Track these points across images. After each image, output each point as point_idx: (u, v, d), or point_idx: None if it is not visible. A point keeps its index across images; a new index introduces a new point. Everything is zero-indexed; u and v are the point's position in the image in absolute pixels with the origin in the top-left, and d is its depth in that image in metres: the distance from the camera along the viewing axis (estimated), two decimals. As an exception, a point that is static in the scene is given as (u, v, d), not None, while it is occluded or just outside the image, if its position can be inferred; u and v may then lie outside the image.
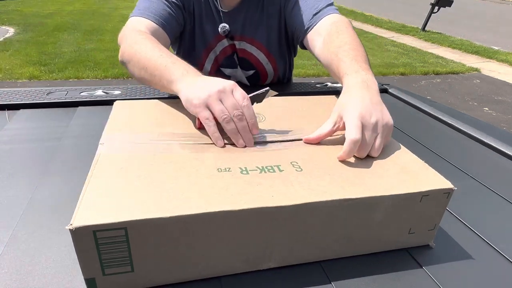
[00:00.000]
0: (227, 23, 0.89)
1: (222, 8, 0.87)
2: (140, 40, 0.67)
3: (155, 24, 0.75)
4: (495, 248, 0.48)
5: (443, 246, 0.48)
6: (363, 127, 0.48)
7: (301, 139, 0.54)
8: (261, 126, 0.57)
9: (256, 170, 0.45)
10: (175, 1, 0.81)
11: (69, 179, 0.56)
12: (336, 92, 1.02)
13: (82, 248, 0.34)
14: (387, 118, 0.51)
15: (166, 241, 0.37)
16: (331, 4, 0.83)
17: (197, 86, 0.52)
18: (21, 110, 0.79)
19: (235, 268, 0.41)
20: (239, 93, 0.51)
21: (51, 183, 0.55)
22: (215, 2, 0.87)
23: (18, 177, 0.56)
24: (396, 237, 0.45)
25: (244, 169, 0.45)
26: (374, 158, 0.49)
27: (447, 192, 0.43)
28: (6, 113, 0.77)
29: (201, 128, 0.53)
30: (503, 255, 0.47)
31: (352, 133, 0.47)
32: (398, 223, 0.44)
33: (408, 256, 0.46)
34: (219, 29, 0.89)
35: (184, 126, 0.55)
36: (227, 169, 0.44)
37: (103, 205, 0.36)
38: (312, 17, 0.81)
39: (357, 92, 0.54)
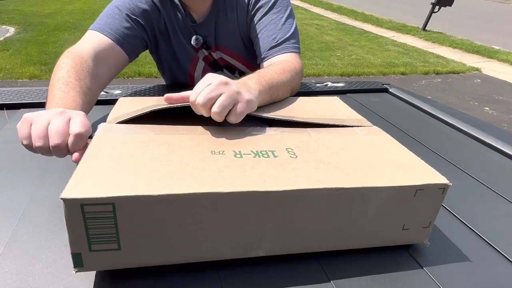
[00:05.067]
0: (200, 35, 0.89)
1: (195, 19, 0.88)
2: (62, 65, 0.66)
3: (110, 40, 0.76)
4: (495, 248, 0.48)
5: (443, 245, 0.48)
6: (209, 85, 0.49)
7: (298, 122, 0.54)
8: (261, 115, 0.57)
9: (250, 154, 0.45)
10: (138, 19, 0.82)
11: (69, 178, 0.56)
12: (337, 92, 1.02)
13: (71, 221, 0.35)
14: (243, 91, 0.52)
15: (154, 220, 0.37)
16: (291, 37, 0.84)
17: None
18: (21, 109, 0.79)
19: (223, 253, 0.41)
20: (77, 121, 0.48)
21: (51, 182, 0.55)
22: (186, 16, 0.87)
23: (18, 177, 0.56)
24: (390, 233, 0.45)
25: (238, 152, 0.45)
26: (369, 151, 0.49)
27: (442, 188, 0.43)
28: (6, 112, 0.77)
29: None
30: (504, 255, 0.47)
31: (191, 95, 0.50)
32: (391, 218, 0.44)
33: (408, 255, 0.46)
34: (192, 41, 0.90)
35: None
36: (221, 152, 0.44)
37: (94, 181, 0.36)
38: (269, 49, 0.83)
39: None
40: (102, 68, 0.73)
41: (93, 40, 0.75)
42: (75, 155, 0.47)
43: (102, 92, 0.89)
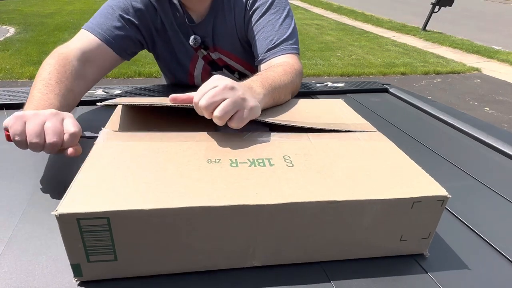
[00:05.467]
0: (198, 35, 0.89)
1: (193, 19, 0.87)
2: (46, 66, 0.68)
3: (99, 40, 0.77)
4: (495, 248, 0.48)
5: (443, 246, 0.48)
6: (214, 88, 0.49)
7: (299, 127, 0.54)
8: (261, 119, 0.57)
9: (246, 163, 0.44)
10: (132, 19, 0.82)
11: (69, 179, 0.56)
12: (337, 92, 1.02)
13: (67, 234, 0.36)
14: (249, 97, 0.52)
15: (148, 233, 0.37)
16: (289, 38, 0.83)
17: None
18: (21, 109, 0.79)
19: (218, 264, 0.41)
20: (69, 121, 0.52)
21: (51, 183, 0.55)
22: (184, 16, 0.87)
23: (18, 177, 0.56)
24: (387, 244, 0.44)
25: (234, 161, 0.45)
26: (368, 159, 0.48)
27: (441, 200, 0.42)
28: (5, 112, 0.77)
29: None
30: (505, 256, 0.47)
31: (195, 96, 0.50)
32: (388, 229, 0.43)
33: (409, 257, 0.46)
34: (190, 41, 0.90)
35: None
36: (217, 161, 0.44)
37: (90, 194, 0.37)
38: (266, 51, 0.82)
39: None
40: (89, 68, 0.74)
41: (82, 40, 0.76)
42: (70, 150, 0.50)
43: (102, 92, 0.89)
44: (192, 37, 0.89)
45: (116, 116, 0.56)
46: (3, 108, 0.79)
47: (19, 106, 0.80)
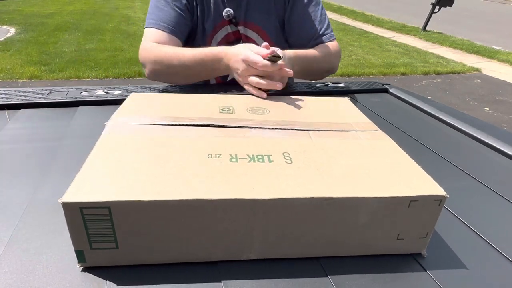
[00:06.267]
0: (230, 7, 0.92)
1: None
2: (165, 49, 0.83)
3: (166, 33, 0.85)
4: (496, 248, 0.48)
5: (443, 245, 0.48)
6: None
7: (300, 129, 0.55)
8: (264, 118, 0.58)
9: (246, 158, 0.45)
10: (182, 1, 0.88)
11: (70, 179, 0.56)
12: (337, 92, 1.02)
13: (72, 222, 0.37)
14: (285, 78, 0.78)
15: (148, 223, 0.38)
16: (328, 26, 0.99)
17: None
18: (21, 110, 0.79)
19: (215, 255, 0.42)
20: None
21: (52, 183, 0.55)
22: None
23: (19, 177, 0.56)
24: (383, 242, 0.44)
25: (234, 156, 0.45)
26: (368, 157, 0.48)
27: (439, 200, 0.41)
28: (6, 112, 0.78)
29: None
30: (505, 256, 0.47)
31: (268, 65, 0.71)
32: (384, 227, 0.43)
33: (409, 256, 0.46)
34: (224, 13, 0.92)
35: (189, 112, 0.58)
36: (218, 156, 0.45)
37: (93, 185, 0.39)
38: (317, 38, 0.97)
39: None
40: None
41: (153, 37, 0.84)
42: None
43: (102, 92, 0.89)
44: (225, 10, 0.92)
45: (124, 107, 0.58)
46: (4, 108, 0.80)
47: (19, 106, 0.80)
